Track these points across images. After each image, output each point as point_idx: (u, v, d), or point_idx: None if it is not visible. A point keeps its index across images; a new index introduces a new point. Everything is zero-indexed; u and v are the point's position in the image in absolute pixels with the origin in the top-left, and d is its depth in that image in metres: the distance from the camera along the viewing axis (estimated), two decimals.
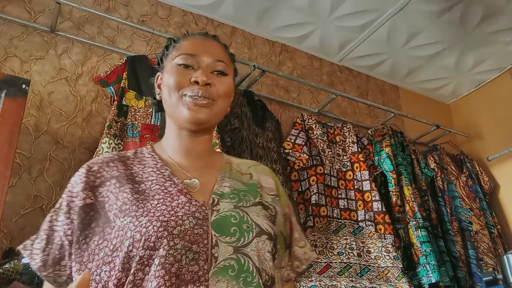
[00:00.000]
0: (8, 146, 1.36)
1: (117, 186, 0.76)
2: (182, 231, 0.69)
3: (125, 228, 0.69)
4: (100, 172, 0.79)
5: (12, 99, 1.43)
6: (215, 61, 0.84)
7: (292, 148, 2.27)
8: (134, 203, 0.73)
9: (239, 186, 0.83)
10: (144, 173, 0.79)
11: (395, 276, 2.10)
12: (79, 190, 0.77)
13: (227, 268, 0.69)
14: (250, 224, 0.75)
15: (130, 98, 1.87)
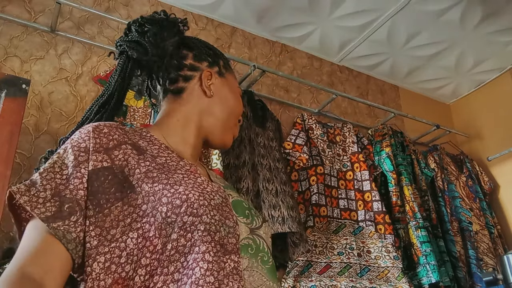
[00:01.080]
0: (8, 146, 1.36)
1: (135, 153, 0.72)
2: (217, 204, 0.70)
3: (157, 194, 0.67)
4: (112, 135, 0.72)
5: (12, 99, 1.43)
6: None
7: (292, 148, 2.27)
8: (162, 172, 0.70)
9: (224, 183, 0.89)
10: (153, 149, 0.76)
11: (395, 276, 2.10)
12: (90, 149, 0.68)
13: (247, 247, 0.72)
14: (255, 211, 0.81)
15: (129, 98, 1.87)
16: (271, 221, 1.87)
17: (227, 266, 0.66)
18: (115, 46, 0.86)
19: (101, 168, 0.67)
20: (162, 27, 0.84)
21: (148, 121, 1.86)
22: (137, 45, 0.82)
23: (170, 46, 0.85)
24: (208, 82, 0.87)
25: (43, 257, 0.61)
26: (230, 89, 0.89)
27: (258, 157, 2.06)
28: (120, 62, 0.83)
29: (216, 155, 1.85)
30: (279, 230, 1.83)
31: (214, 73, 0.88)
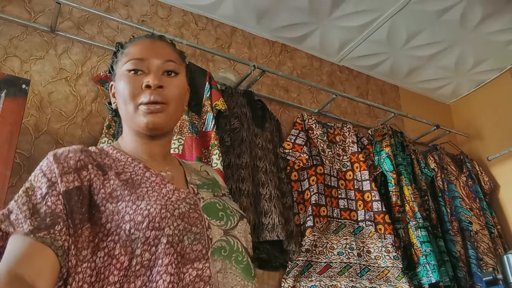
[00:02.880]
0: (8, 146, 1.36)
1: (100, 174, 0.74)
2: (181, 214, 0.72)
3: (121, 212, 0.69)
4: (77, 157, 0.74)
5: (12, 99, 1.43)
6: (165, 61, 0.84)
7: (292, 148, 2.27)
8: (125, 189, 0.72)
9: (204, 180, 0.88)
10: (118, 165, 0.78)
11: (395, 276, 2.10)
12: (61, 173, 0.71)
13: (220, 249, 0.74)
14: (231, 210, 0.82)
15: None
16: (260, 229, 1.88)
17: (186, 277, 0.68)
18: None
19: (73, 189, 0.69)
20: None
21: None
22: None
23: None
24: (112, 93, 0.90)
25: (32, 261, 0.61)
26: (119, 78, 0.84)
27: (255, 159, 2.06)
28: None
29: (216, 155, 1.85)
30: (267, 238, 1.86)
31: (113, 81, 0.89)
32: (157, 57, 0.83)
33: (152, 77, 0.80)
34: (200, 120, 1.95)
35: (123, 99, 0.82)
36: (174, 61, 0.85)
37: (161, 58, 0.83)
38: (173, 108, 0.82)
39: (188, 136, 1.83)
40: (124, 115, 0.84)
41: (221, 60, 2.42)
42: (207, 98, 2.00)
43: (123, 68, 0.83)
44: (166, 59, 0.84)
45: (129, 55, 0.84)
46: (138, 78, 0.81)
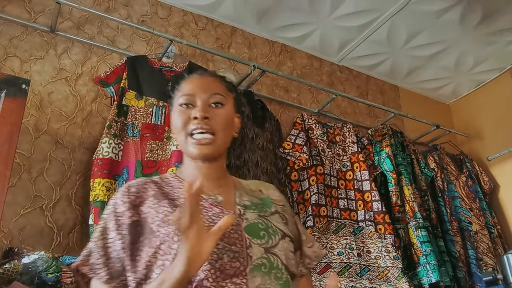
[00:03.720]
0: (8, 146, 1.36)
1: (155, 202, 0.87)
2: (223, 235, 0.80)
3: (171, 234, 0.80)
4: (138, 193, 0.89)
5: (12, 99, 1.43)
6: (211, 95, 0.94)
7: (292, 148, 2.27)
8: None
9: (255, 200, 0.96)
10: (175, 192, 0.91)
11: (395, 276, 2.10)
12: (124, 210, 0.86)
13: (260, 266, 0.81)
14: (274, 229, 0.89)
15: (130, 98, 1.87)
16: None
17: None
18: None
19: (132, 223, 0.84)
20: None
21: (149, 121, 1.86)
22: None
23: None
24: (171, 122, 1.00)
25: None
26: (174, 112, 0.97)
27: (255, 160, 2.06)
28: None
29: None
30: None
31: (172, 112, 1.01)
32: (204, 92, 0.95)
33: (198, 109, 0.91)
34: None
35: (176, 129, 0.95)
36: (220, 94, 0.96)
37: (207, 92, 0.95)
38: (220, 138, 0.93)
39: None
40: (178, 142, 0.96)
41: (221, 60, 2.42)
42: None
43: (177, 102, 0.96)
44: (212, 93, 0.95)
45: (181, 91, 0.97)
46: (188, 111, 0.93)
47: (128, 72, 1.88)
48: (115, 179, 1.70)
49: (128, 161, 1.76)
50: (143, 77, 1.92)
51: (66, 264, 1.46)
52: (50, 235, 1.64)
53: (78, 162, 1.80)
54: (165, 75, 1.98)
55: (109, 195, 1.65)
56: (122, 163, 1.75)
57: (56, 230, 1.66)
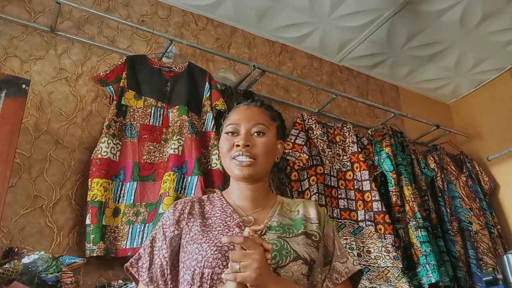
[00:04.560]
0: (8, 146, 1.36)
1: (191, 221, 1.00)
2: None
3: (192, 252, 0.92)
4: (183, 210, 1.03)
5: (12, 99, 1.43)
6: (254, 124, 1.05)
7: (292, 148, 2.27)
8: (201, 233, 0.96)
9: (286, 221, 1.03)
10: (212, 211, 1.04)
11: (395, 276, 2.10)
12: (170, 224, 1.01)
13: None
14: (288, 250, 0.95)
15: (129, 98, 1.87)
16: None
17: None
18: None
19: (174, 236, 0.99)
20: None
21: (147, 121, 1.86)
22: None
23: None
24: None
25: None
26: (221, 139, 1.08)
27: None
28: None
29: (216, 155, 1.85)
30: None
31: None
32: (248, 122, 1.06)
33: (240, 138, 1.03)
34: (200, 120, 1.95)
35: (222, 154, 1.06)
36: (262, 124, 1.06)
37: (250, 122, 1.06)
38: (261, 162, 1.03)
39: (188, 137, 1.83)
40: (225, 166, 1.06)
41: (221, 60, 2.42)
42: (207, 98, 2.00)
43: (224, 130, 1.08)
44: (255, 123, 1.06)
45: (228, 120, 1.09)
46: (232, 139, 1.05)
47: (128, 71, 1.88)
48: (112, 180, 1.70)
49: (126, 162, 1.76)
50: (143, 77, 1.92)
51: (66, 264, 1.46)
52: (50, 235, 1.64)
53: (78, 162, 1.80)
54: (164, 75, 1.98)
55: (106, 195, 1.65)
56: (120, 163, 1.75)
57: (56, 230, 1.66)
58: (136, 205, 1.70)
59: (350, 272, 1.03)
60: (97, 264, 1.65)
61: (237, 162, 1.01)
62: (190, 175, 1.76)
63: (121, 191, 1.71)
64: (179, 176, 1.74)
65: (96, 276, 1.64)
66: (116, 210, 1.68)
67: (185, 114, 1.88)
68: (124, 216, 1.68)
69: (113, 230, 1.64)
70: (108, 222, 1.64)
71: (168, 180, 1.70)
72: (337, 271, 1.02)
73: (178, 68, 2.02)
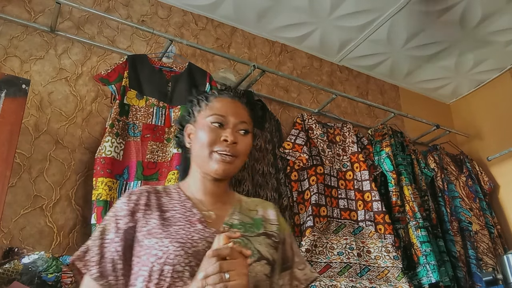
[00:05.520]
0: (8, 146, 1.36)
1: (148, 213, 0.93)
2: (196, 252, 0.85)
3: (151, 247, 0.86)
4: (137, 200, 0.95)
5: (12, 99, 1.43)
6: (240, 122, 1.01)
7: (292, 148, 2.27)
8: (160, 227, 0.90)
9: (247, 219, 1.00)
10: (170, 204, 0.97)
11: (395, 276, 2.10)
12: (123, 215, 0.93)
13: None
14: (252, 250, 0.91)
15: (131, 97, 1.87)
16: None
17: None
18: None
19: (128, 229, 0.91)
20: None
21: (150, 121, 1.86)
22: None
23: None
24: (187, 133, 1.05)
25: None
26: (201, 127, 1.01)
27: (252, 161, 2.06)
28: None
29: None
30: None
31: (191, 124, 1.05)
32: (235, 117, 1.01)
33: (229, 134, 0.98)
34: None
35: (200, 144, 0.98)
36: (246, 122, 1.02)
37: (237, 118, 1.01)
38: (240, 161, 1.00)
39: None
40: (197, 158, 1.00)
41: (221, 60, 2.42)
42: None
43: (207, 119, 1.00)
44: (241, 120, 1.01)
45: (213, 109, 1.01)
46: (218, 131, 0.98)
47: (129, 71, 1.88)
48: (116, 179, 1.70)
49: (130, 161, 1.76)
50: (144, 77, 1.92)
51: (66, 264, 1.46)
52: (50, 235, 1.64)
53: (78, 162, 1.80)
54: (165, 75, 1.98)
55: (111, 194, 1.65)
56: (123, 162, 1.74)
57: (56, 230, 1.66)
58: None
59: (309, 280, 1.04)
60: None
61: (220, 158, 0.96)
62: None
63: (126, 190, 1.71)
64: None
65: None
66: None
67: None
68: None
69: None
70: None
71: (172, 179, 1.71)
72: (296, 278, 1.02)
73: (178, 68, 2.02)
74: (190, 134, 1.05)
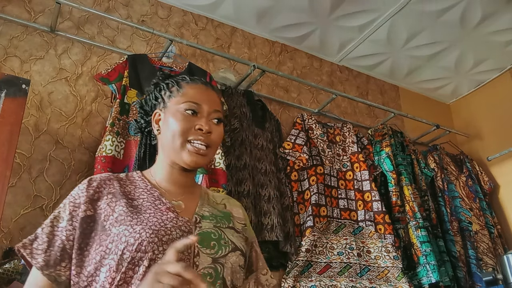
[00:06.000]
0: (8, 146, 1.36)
1: (113, 201, 0.88)
2: (170, 239, 0.82)
3: (120, 234, 0.81)
4: (99, 188, 0.90)
5: (12, 99, 1.43)
6: (214, 110, 0.96)
7: (292, 148, 2.27)
8: (129, 215, 0.85)
9: (216, 212, 0.97)
10: (136, 192, 0.92)
11: (395, 276, 2.10)
12: (81, 202, 0.87)
13: (206, 275, 0.83)
14: (226, 240, 0.90)
15: (131, 97, 1.86)
16: (260, 228, 1.89)
17: None
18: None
19: (85, 217, 0.86)
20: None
21: None
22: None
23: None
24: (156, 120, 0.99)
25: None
26: (172, 114, 0.95)
27: (254, 160, 2.06)
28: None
29: (219, 155, 1.85)
30: (266, 238, 1.89)
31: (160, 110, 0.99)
32: (209, 105, 0.96)
33: (204, 123, 0.93)
34: None
35: (172, 133, 0.92)
36: (220, 111, 0.98)
37: (211, 107, 0.96)
38: (213, 151, 0.96)
39: None
40: (167, 146, 0.94)
41: (221, 60, 2.42)
42: None
43: (179, 106, 0.94)
44: (215, 109, 0.97)
45: (186, 96, 0.96)
46: (192, 119, 0.93)
47: (129, 70, 1.88)
48: None
49: (130, 160, 1.75)
50: (144, 76, 1.92)
51: None
52: None
53: (78, 162, 1.80)
54: None
55: None
56: (124, 161, 1.74)
57: None
58: None
59: (270, 285, 1.03)
60: None
61: (193, 149, 0.91)
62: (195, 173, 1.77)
63: None
64: None
65: None
66: None
67: None
68: None
69: None
70: None
71: None
72: (261, 283, 1.02)
73: (178, 68, 2.02)
74: (158, 120, 0.99)
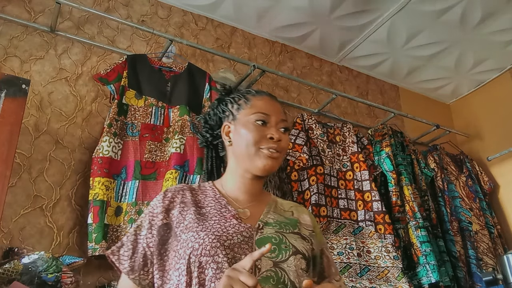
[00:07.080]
0: (8, 146, 1.36)
1: (185, 209, 0.97)
2: (231, 244, 0.88)
3: (187, 240, 0.89)
4: (173, 198, 0.99)
5: (12, 99, 1.43)
6: (281, 120, 1.05)
7: (292, 148, 2.27)
8: (196, 222, 0.93)
9: (282, 219, 1.02)
10: (205, 201, 1.01)
11: (395, 276, 2.10)
12: (158, 212, 0.97)
13: (269, 278, 0.87)
14: (287, 244, 0.94)
15: (130, 97, 1.87)
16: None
17: None
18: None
19: (162, 225, 0.95)
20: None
21: (148, 120, 1.86)
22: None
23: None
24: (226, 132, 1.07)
25: None
26: (244, 125, 1.03)
27: None
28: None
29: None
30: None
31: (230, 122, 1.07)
32: (276, 115, 1.04)
33: (275, 131, 1.01)
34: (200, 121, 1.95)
35: (246, 142, 1.01)
36: (286, 120, 1.06)
37: (278, 117, 1.04)
38: (282, 157, 1.04)
39: (190, 136, 1.83)
40: (241, 155, 1.03)
41: (221, 60, 2.42)
42: (207, 99, 2.00)
43: (250, 117, 1.03)
44: (282, 118, 1.05)
45: (255, 108, 1.04)
46: (262, 129, 1.02)
47: (129, 70, 1.88)
48: (114, 178, 1.70)
49: (127, 161, 1.76)
50: (143, 77, 1.92)
51: (66, 264, 1.46)
52: (50, 235, 1.65)
53: (78, 162, 1.80)
54: (165, 75, 1.99)
55: (108, 194, 1.65)
56: (121, 162, 1.74)
57: (56, 230, 1.66)
58: (138, 204, 1.70)
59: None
60: (97, 264, 1.65)
61: (267, 153, 0.99)
62: (192, 174, 1.77)
63: (123, 190, 1.71)
64: (181, 174, 1.74)
65: (96, 276, 1.64)
66: (118, 209, 1.68)
67: (186, 114, 1.88)
68: (126, 215, 1.67)
69: (115, 229, 1.64)
70: (110, 221, 1.64)
71: (170, 178, 1.71)
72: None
73: (178, 68, 2.02)
74: (228, 132, 1.07)
